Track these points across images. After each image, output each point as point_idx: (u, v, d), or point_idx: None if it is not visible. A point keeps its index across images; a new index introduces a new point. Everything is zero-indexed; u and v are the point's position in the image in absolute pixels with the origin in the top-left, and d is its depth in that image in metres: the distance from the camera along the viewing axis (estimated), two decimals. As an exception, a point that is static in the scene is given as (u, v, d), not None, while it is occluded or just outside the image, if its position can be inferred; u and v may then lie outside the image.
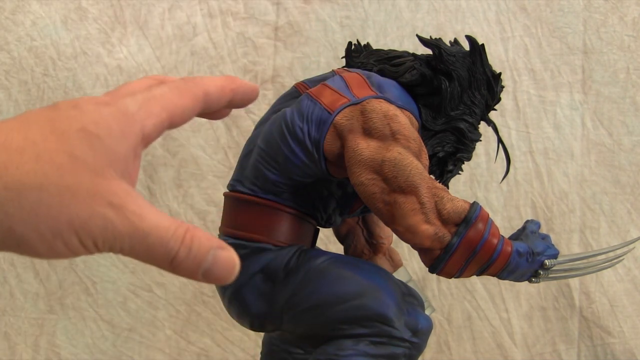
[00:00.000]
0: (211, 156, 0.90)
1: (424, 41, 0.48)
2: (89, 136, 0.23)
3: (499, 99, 0.50)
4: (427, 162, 0.44)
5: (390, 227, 0.43)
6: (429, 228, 0.41)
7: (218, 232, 0.49)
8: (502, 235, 0.43)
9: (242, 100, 0.30)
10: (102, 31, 0.88)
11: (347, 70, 0.48)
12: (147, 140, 0.26)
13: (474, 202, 0.42)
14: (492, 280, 0.89)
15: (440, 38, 0.48)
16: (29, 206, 0.21)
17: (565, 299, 0.92)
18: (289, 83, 0.87)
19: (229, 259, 0.25)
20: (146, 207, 0.24)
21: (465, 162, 0.50)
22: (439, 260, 0.42)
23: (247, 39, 0.90)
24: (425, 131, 0.47)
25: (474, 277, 0.45)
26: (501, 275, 0.44)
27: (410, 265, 0.85)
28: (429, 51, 0.48)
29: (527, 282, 0.45)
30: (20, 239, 0.22)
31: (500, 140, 0.51)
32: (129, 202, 0.23)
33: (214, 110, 0.30)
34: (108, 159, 0.23)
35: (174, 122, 0.27)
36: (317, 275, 0.44)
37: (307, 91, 0.46)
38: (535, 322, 0.93)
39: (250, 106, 0.90)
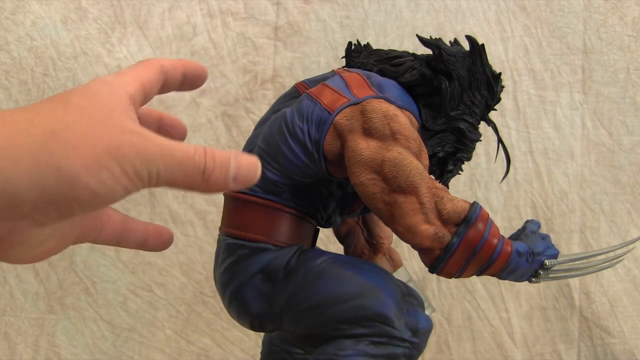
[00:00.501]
0: (211, 156, 0.90)
1: (424, 41, 0.48)
2: (87, 96, 0.26)
3: (499, 99, 0.50)
4: (427, 162, 0.44)
5: (390, 227, 0.43)
6: (429, 228, 0.41)
7: (218, 232, 0.49)
8: (502, 235, 0.43)
9: (194, 77, 0.33)
10: (102, 31, 0.88)
11: (347, 70, 0.48)
12: (134, 101, 0.28)
13: (474, 202, 0.42)
14: (492, 280, 0.89)
15: (440, 38, 0.48)
16: (68, 141, 0.23)
17: (565, 299, 0.92)
18: (289, 83, 0.87)
19: (250, 159, 0.27)
20: (161, 137, 0.26)
21: (465, 162, 0.50)
22: (439, 260, 0.42)
23: (247, 39, 0.90)
24: (425, 131, 0.47)
25: (474, 277, 0.45)
26: (501, 275, 0.44)
27: (410, 265, 0.85)
28: (429, 51, 0.48)
29: (527, 282, 0.45)
30: (71, 177, 0.23)
31: (500, 140, 0.51)
32: (146, 131, 0.26)
33: (174, 84, 0.32)
34: (111, 106, 0.26)
35: (146, 92, 0.29)
36: (317, 275, 0.44)
37: (307, 91, 0.46)
38: (535, 322, 0.93)
39: (250, 106, 0.90)
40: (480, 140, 0.50)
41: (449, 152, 0.48)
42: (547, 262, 0.44)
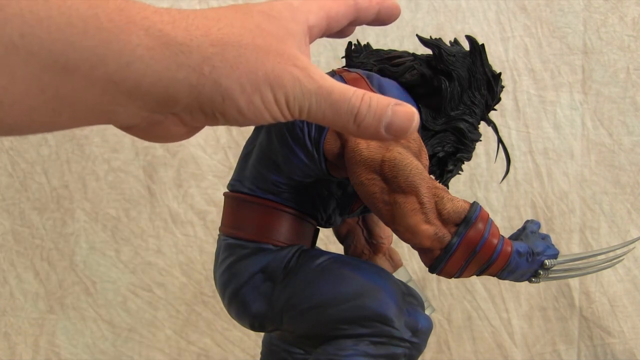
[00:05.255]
0: (211, 156, 0.90)
1: (424, 41, 0.48)
2: (268, 16, 0.27)
3: (499, 99, 0.50)
4: (427, 162, 0.44)
5: (390, 227, 0.43)
6: (429, 228, 0.41)
7: (218, 232, 0.49)
8: (502, 235, 0.43)
9: (387, 16, 0.34)
10: (102, 31, 0.88)
11: (347, 70, 0.48)
12: (311, 32, 0.29)
13: (474, 202, 0.42)
14: (492, 280, 0.89)
15: (440, 38, 0.48)
16: (231, 60, 0.24)
17: (565, 299, 0.92)
18: (289, 83, 0.87)
19: (408, 110, 0.28)
20: (324, 74, 0.27)
21: (465, 162, 0.50)
22: (439, 260, 0.42)
23: (247, 39, 0.90)
24: (425, 131, 0.47)
25: (474, 277, 0.45)
26: (501, 275, 0.44)
27: (410, 265, 0.85)
28: (429, 51, 0.48)
29: (527, 282, 0.45)
30: (225, 92, 0.24)
31: (500, 140, 0.51)
32: (310, 66, 0.26)
33: (364, 21, 0.33)
34: (286, 33, 0.27)
35: (330, 24, 0.30)
36: (317, 275, 0.44)
37: (307, 91, 0.46)
38: (535, 322, 0.93)
39: (250, 106, 0.90)
40: (480, 140, 0.50)
41: (449, 152, 0.48)
42: (547, 262, 0.44)
